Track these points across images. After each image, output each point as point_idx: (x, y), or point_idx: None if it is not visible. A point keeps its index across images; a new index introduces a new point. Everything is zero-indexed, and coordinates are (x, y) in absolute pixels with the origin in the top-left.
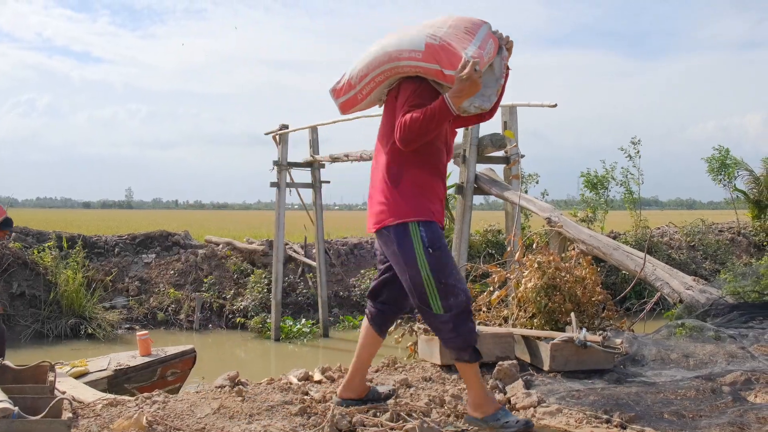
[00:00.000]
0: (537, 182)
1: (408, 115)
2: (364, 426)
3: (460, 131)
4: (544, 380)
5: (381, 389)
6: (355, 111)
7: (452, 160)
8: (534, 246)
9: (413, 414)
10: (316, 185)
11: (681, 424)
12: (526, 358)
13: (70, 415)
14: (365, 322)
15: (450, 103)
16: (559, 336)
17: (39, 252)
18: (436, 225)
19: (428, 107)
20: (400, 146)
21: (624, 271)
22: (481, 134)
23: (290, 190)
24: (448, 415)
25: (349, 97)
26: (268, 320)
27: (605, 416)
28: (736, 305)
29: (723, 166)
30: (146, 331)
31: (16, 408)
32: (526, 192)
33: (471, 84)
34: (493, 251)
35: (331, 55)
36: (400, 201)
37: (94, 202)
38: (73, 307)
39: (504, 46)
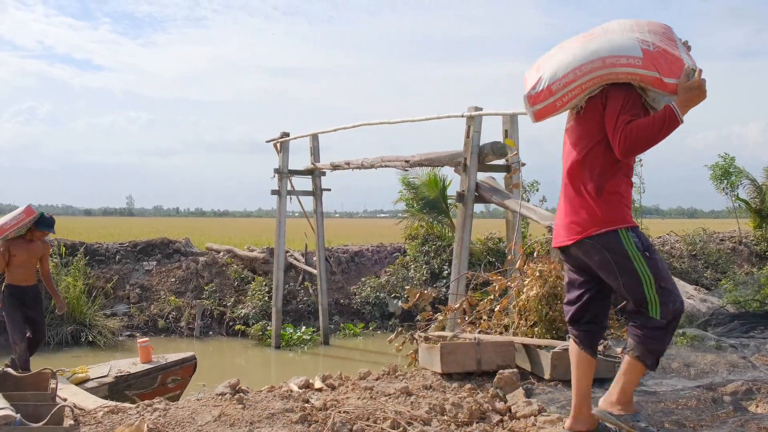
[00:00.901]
0: (537, 190)
1: (633, 125)
2: None
3: (461, 139)
4: (545, 389)
5: (610, 426)
6: (549, 118)
7: (453, 168)
8: (535, 254)
9: (414, 422)
10: (316, 193)
11: None
12: (527, 367)
13: (72, 422)
14: (574, 348)
15: (678, 113)
16: (559, 345)
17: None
18: (641, 230)
19: (654, 116)
20: (621, 156)
21: None
22: (482, 142)
23: (291, 198)
24: (449, 424)
25: (547, 104)
26: (268, 328)
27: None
28: (737, 315)
29: (726, 174)
30: (147, 339)
31: (18, 415)
32: (527, 200)
33: (700, 93)
34: (494, 259)
35: (331, 62)
36: (605, 209)
37: (95, 210)
38: (74, 314)
39: None
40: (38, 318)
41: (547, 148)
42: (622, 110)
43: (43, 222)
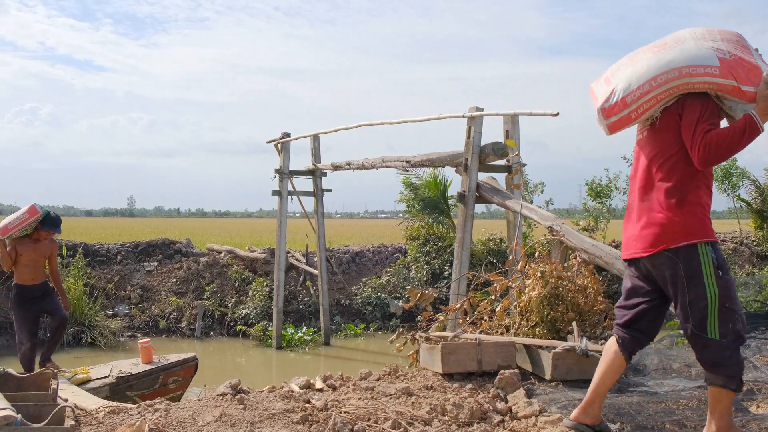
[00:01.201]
0: (542, 191)
1: (712, 134)
2: None
3: (462, 139)
4: (545, 389)
5: (612, 426)
6: (622, 130)
7: (454, 169)
8: (536, 255)
9: (415, 423)
10: (317, 193)
11: None
12: (528, 367)
13: (73, 422)
14: (613, 347)
15: (759, 121)
16: (560, 345)
17: None
18: (719, 247)
19: (734, 125)
20: (700, 166)
21: None
22: (483, 143)
23: (292, 198)
24: (450, 424)
25: (622, 117)
26: (269, 328)
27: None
28: None
29: (727, 174)
30: (148, 339)
31: (19, 415)
32: (531, 201)
33: None
34: (495, 260)
35: (332, 63)
36: (686, 222)
37: (96, 210)
38: (75, 315)
39: None
40: (50, 307)
41: (547, 149)
42: (700, 120)
43: (48, 222)
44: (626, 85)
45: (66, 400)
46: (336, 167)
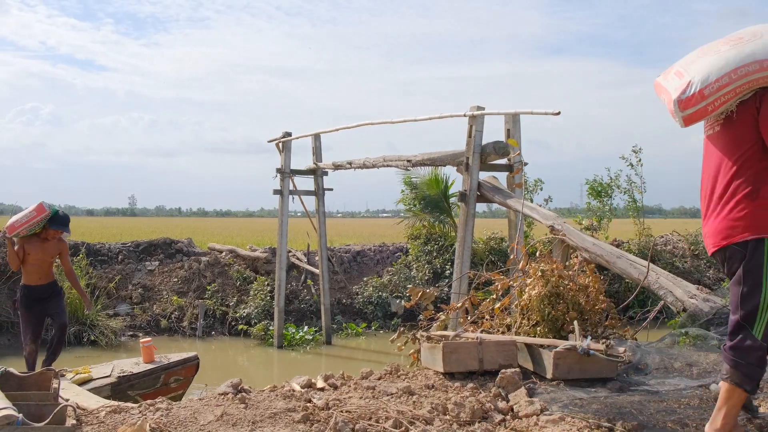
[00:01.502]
0: (541, 188)
1: None
2: None
3: (463, 138)
4: (547, 388)
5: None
6: (696, 123)
7: (456, 168)
8: (537, 254)
9: (416, 422)
10: (318, 192)
11: None
12: (529, 366)
13: (74, 421)
14: None
15: None
16: (562, 344)
17: None
18: None
19: None
20: None
21: (627, 280)
22: (484, 142)
23: (293, 198)
24: (451, 423)
25: (698, 109)
26: (270, 327)
27: (608, 425)
28: None
29: None
30: (149, 338)
31: (21, 415)
32: (531, 199)
33: None
34: (496, 259)
35: (333, 62)
36: (756, 215)
37: (98, 210)
38: (76, 314)
39: None
40: (53, 310)
41: (548, 148)
42: None
43: (56, 221)
44: (704, 77)
45: (67, 400)
46: (337, 166)
